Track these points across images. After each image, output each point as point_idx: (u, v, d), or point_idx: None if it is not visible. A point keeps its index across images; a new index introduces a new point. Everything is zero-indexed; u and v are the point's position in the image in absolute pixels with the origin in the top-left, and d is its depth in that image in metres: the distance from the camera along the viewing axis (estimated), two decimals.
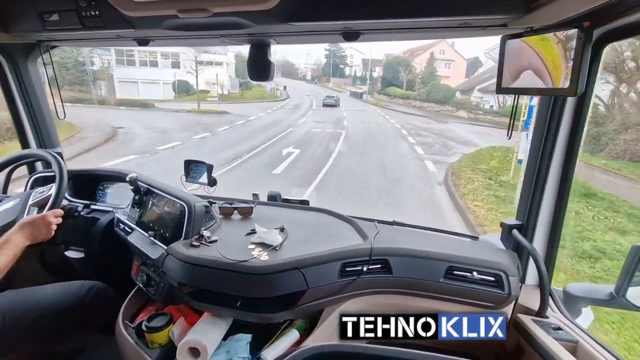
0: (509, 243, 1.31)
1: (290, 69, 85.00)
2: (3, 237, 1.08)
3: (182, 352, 1.07)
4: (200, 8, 0.94)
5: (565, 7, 0.79)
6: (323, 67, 73.21)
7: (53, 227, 1.21)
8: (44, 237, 1.18)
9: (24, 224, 1.14)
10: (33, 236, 1.14)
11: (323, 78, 69.02)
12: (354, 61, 67.46)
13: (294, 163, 9.27)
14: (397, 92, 36.12)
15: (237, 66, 35.40)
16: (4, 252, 1.04)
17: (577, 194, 6.14)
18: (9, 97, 1.71)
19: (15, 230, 1.11)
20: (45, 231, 1.18)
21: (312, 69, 78.31)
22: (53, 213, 1.23)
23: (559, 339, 1.02)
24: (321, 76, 71.69)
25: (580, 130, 1.07)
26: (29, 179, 1.72)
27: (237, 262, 1.07)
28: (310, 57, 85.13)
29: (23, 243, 1.10)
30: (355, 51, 66.14)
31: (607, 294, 1.05)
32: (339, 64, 69.04)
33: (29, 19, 1.24)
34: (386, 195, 7.12)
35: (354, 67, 66.63)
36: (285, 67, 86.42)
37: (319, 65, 77.42)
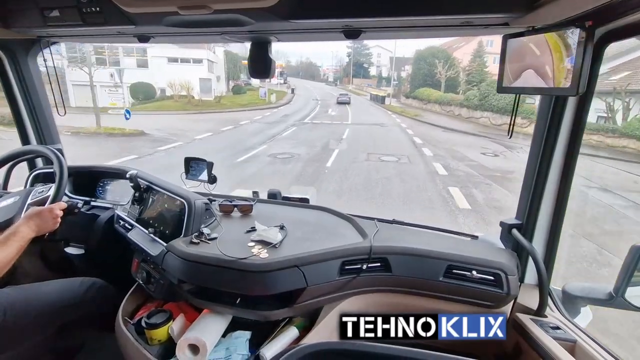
0: (508, 242, 1.31)
1: (314, 71, 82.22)
2: (10, 229, 1.08)
3: (182, 348, 1.08)
4: (200, 5, 0.94)
5: (567, 6, 0.79)
6: (344, 67, 68.33)
7: (59, 219, 1.22)
8: (50, 229, 1.19)
9: (31, 216, 1.15)
10: (39, 228, 1.15)
11: (344, 79, 64.84)
12: (381, 60, 61.35)
13: None
14: (432, 95, 25.47)
15: (228, 65, 30.80)
16: (11, 244, 1.05)
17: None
18: (9, 93, 1.71)
19: (22, 222, 1.12)
20: (52, 223, 1.19)
21: (334, 69, 74.17)
22: (58, 206, 1.24)
23: (558, 339, 1.02)
24: (343, 77, 67.50)
25: (581, 130, 1.07)
26: (29, 175, 1.72)
27: (236, 259, 1.07)
28: (334, 58, 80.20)
29: (29, 234, 1.11)
30: (382, 49, 59.49)
31: (606, 293, 1.05)
32: (362, 63, 63.39)
33: (29, 15, 1.23)
34: None
35: (381, 66, 60.55)
36: (309, 69, 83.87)
37: (341, 66, 73.21)
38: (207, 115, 19.85)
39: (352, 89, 52.61)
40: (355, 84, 60.17)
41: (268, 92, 29.02)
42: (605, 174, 8.46)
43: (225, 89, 31.32)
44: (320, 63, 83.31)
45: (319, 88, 51.23)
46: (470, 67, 26.87)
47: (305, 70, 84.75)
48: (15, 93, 1.70)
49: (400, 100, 32.04)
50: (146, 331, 1.17)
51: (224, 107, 24.08)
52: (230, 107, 24.55)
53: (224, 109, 23.19)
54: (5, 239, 1.04)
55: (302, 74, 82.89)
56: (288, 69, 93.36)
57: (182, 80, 22.98)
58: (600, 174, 8.12)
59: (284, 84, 49.49)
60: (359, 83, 58.83)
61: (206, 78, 26.11)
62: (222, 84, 30.19)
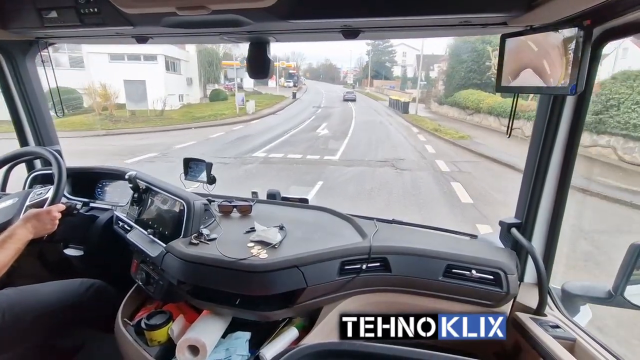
0: (507, 241, 1.31)
1: (334, 74, 79.06)
2: (7, 231, 1.08)
3: (182, 349, 1.08)
4: (199, 5, 0.94)
5: (565, 5, 0.79)
6: (364, 67, 62.08)
7: (56, 221, 1.22)
8: (47, 231, 1.19)
9: (28, 218, 1.14)
10: (37, 230, 1.15)
11: (364, 81, 58.88)
12: (406, 60, 55.74)
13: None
14: (484, 99, 16.46)
15: (203, 64, 24.32)
16: (9, 246, 1.04)
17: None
18: (7, 94, 1.70)
19: (19, 224, 1.12)
20: (50, 225, 1.19)
21: (353, 71, 69.72)
22: (57, 207, 1.24)
23: (557, 337, 1.02)
24: (362, 79, 61.40)
25: (579, 128, 1.07)
26: (28, 176, 1.72)
27: (236, 260, 1.07)
28: (353, 60, 75.58)
29: (27, 237, 1.11)
30: (408, 47, 53.76)
31: (605, 292, 1.06)
32: (384, 62, 57.40)
33: (27, 16, 1.23)
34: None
35: (407, 66, 54.74)
36: (330, 72, 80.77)
37: (361, 66, 68.12)
38: (113, 140, 13.46)
39: (370, 92, 47.70)
40: (376, 86, 54.24)
41: (260, 98, 25.75)
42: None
43: (201, 94, 25.39)
44: (341, 65, 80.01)
45: (333, 91, 47.08)
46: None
47: (325, 73, 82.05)
48: (13, 94, 1.70)
49: (430, 107, 23.22)
50: (146, 332, 1.17)
51: (172, 122, 17.16)
52: (180, 121, 17.62)
53: (166, 127, 16.22)
54: (2, 242, 1.04)
55: (322, 77, 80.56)
56: (310, 71, 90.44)
57: (105, 84, 16.92)
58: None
59: (294, 87, 46.25)
60: (380, 85, 52.97)
61: (138, 80, 18.99)
62: (194, 88, 24.00)
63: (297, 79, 55.31)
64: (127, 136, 14.41)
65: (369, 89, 52.26)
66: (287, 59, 61.10)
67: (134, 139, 13.49)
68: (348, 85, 60.79)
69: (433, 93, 25.89)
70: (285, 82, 50.40)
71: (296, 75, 56.08)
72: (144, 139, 13.54)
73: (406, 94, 30.58)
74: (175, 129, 16.13)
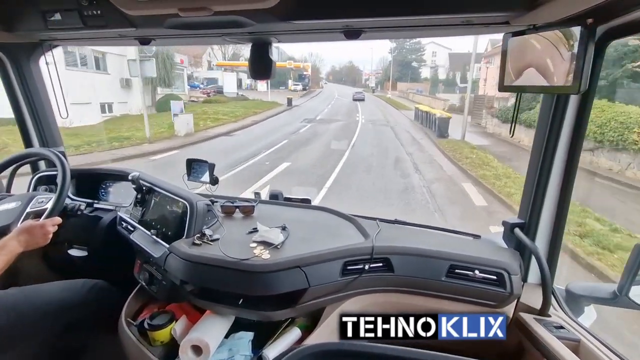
0: (511, 242, 1.31)
1: (355, 75, 74.43)
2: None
3: (185, 350, 1.08)
4: (201, 7, 0.94)
5: (567, 4, 0.79)
6: (386, 68, 54.71)
7: (50, 235, 1.23)
8: (39, 245, 1.20)
9: (21, 231, 1.16)
10: (28, 243, 1.16)
11: (386, 83, 50.58)
12: (436, 60, 49.52)
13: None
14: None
15: (144, 64, 12.22)
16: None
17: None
18: (11, 96, 1.72)
19: (12, 236, 1.13)
20: (42, 239, 1.20)
21: (375, 73, 62.81)
22: (51, 222, 1.25)
23: (561, 338, 1.01)
24: (384, 81, 53.87)
25: (583, 128, 1.06)
26: (32, 178, 1.73)
27: (238, 260, 1.07)
28: (376, 61, 69.46)
29: (17, 249, 1.12)
30: (439, 46, 48.33)
31: (610, 292, 1.05)
32: (410, 62, 49.83)
33: (31, 18, 1.24)
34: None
35: (437, 67, 48.61)
36: (352, 74, 76.57)
37: (383, 67, 60.98)
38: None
39: (392, 98, 39.15)
40: (400, 89, 45.21)
41: (239, 106, 20.15)
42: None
43: (150, 102, 17.29)
44: (363, 67, 74.59)
45: (347, 95, 40.56)
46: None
47: (348, 75, 78.45)
48: (18, 96, 1.71)
49: (482, 123, 14.95)
50: (149, 332, 1.17)
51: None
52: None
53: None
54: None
55: (344, 80, 77.14)
56: (333, 74, 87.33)
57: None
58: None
59: (303, 90, 42.66)
60: (405, 89, 43.29)
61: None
62: (135, 93, 16.49)
63: (308, 81, 49.32)
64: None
65: (391, 92, 43.44)
66: (305, 60, 56.12)
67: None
68: (368, 89, 55.10)
69: (485, 102, 15.76)
70: (293, 85, 45.33)
71: (307, 77, 49.42)
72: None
73: (438, 100, 24.23)
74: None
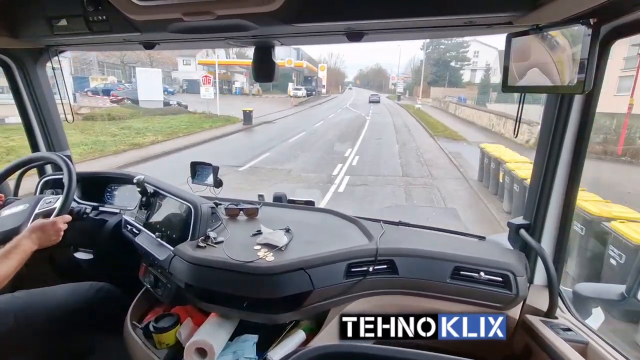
0: (516, 243, 1.30)
1: (382, 79, 67.19)
2: (12, 242, 1.10)
3: (190, 352, 1.08)
4: (204, 11, 0.95)
5: (571, 3, 0.78)
6: (416, 70, 44.00)
7: (61, 232, 1.23)
8: (51, 242, 1.21)
9: (33, 229, 1.16)
10: (41, 241, 1.17)
11: (415, 88, 39.83)
12: (478, 62, 39.61)
13: None
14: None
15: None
16: (13, 257, 1.06)
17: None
18: (18, 101, 1.74)
19: (24, 235, 1.14)
20: (54, 237, 1.21)
21: (404, 77, 52.61)
22: (62, 219, 1.25)
23: (569, 340, 1.00)
24: (413, 85, 44.30)
25: (588, 128, 1.05)
26: (39, 181, 1.75)
27: (243, 263, 1.07)
28: (403, 62, 62.08)
29: (31, 248, 1.13)
30: (483, 45, 38.39)
31: (618, 294, 1.04)
32: (448, 61, 39.82)
33: (37, 24, 1.26)
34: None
35: (477, 69, 38.98)
36: (378, 78, 69.84)
37: (412, 69, 51.68)
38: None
39: (422, 109, 26.38)
40: (434, 96, 33.50)
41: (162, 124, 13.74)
42: None
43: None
44: (390, 69, 66.30)
45: (363, 105, 33.39)
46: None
47: (374, 79, 72.80)
48: (25, 101, 1.74)
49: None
50: (154, 335, 1.18)
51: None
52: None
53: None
54: (7, 252, 1.06)
55: (370, 84, 72.15)
56: (360, 78, 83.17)
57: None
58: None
59: (304, 97, 34.44)
60: (441, 95, 32.36)
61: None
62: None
63: (315, 85, 40.30)
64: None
65: (421, 100, 29.43)
66: (324, 61, 49.43)
67: None
68: (393, 96, 44.88)
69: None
70: (293, 90, 35.33)
71: (315, 80, 41.09)
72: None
73: (502, 118, 15.07)
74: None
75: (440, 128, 17.36)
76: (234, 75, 37.13)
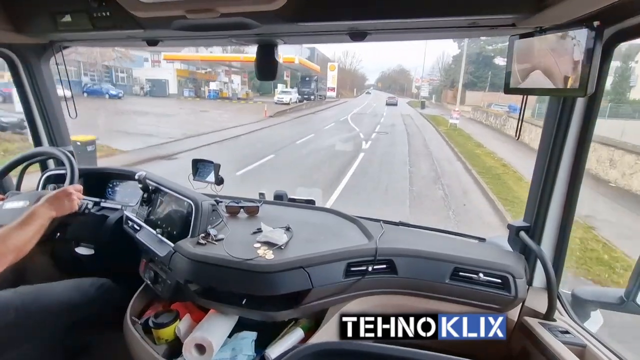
0: (516, 245, 1.30)
1: (404, 81, 58.86)
2: (28, 211, 1.09)
3: (188, 348, 1.09)
4: (208, 9, 0.95)
5: (575, 6, 0.78)
6: (447, 69, 35.91)
7: (75, 199, 1.22)
8: (68, 209, 1.19)
9: (47, 198, 1.16)
10: (57, 207, 1.15)
11: (447, 93, 32.18)
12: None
13: None
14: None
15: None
16: (32, 224, 1.06)
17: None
18: (22, 96, 1.75)
19: (40, 203, 1.13)
20: (68, 203, 1.19)
21: (429, 79, 44.55)
22: (73, 187, 1.24)
23: (567, 343, 1.00)
24: (442, 88, 36.88)
25: (590, 131, 1.05)
26: (41, 176, 1.76)
27: (242, 260, 1.08)
28: (428, 61, 51.97)
29: (49, 214, 1.12)
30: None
31: (617, 297, 1.04)
32: (491, 57, 30.53)
33: (41, 20, 1.26)
34: None
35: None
36: (399, 79, 62.09)
37: (440, 69, 43.28)
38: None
39: (459, 125, 16.91)
40: (471, 101, 25.30)
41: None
42: None
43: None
44: (415, 71, 56.76)
45: (375, 116, 24.70)
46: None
47: (394, 82, 66.10)
48: (29, 96, 1.75)
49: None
50: (153, 330, 1.18)
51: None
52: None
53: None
54: (26, 219, 1.05)
55: (392, 87, 65.85)
56: (382, 80, 76.30)
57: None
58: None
59: (294, 103, 25.28)
60: (481, 101, 24.42)
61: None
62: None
63: (314, 87, 30.14)
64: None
65: (458, 113, 17.91)
66: (337, 60, 42.67)
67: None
68: (415, 102, 35.57)
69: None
70: (280, 94, 26.13)
71: (313, 81, 30.48)
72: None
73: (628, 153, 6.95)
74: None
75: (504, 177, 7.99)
76: (219, 75, 30.22)
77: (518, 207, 6.20)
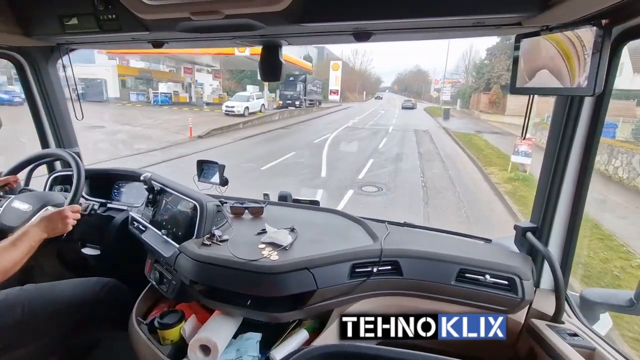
0: (522, 246, 1.28)
1: (421, 84, 51.43)
2: (20, 230, 1.10)
3: (194, 349, 1.09)
4: (212, 10, 0.95)
5: (582, 4, 0.77)
6: (477, 67, 28.96)
7: (69, 222, 1.22)
8: (60, 231, 1.20)
9: (41, 219, 1.17)
10: (49, 229, 1.16)
11: (479, 98, 25.44)
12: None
13: None
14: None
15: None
16: (21, 245, 1.06)
17: None
18: (30, 98, 1.77)
19: (32, 223, 1.14)
20: (62, 225, 1.19)
21: (453, 81, 37.11)
22: (71, 208, 1.25)
23: (575, 346, 0.99)
24: (470, 91, 28.85)
25: (598, 130, 1.04)
26: (49, 177, 1.78)
27: (247, 261, 1.08)
28: (452, 60, 44.73)
29: (40, 236, 1.12)
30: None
31: (627, 300, 1.02)
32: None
33: (49, 23, 1.28)
34: None
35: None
36: (416, 82, 54.17)
37: (466, 69, 35.78)
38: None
39: (529, 173, 6.62)
40: (513, 109, 19.41)
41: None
42: None
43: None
44: (434, 72, 48.37)
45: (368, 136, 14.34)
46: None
47: (411, 84, 58.90)
48: (36, 98, 1.77)
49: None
50: (159, 331, 1.19)
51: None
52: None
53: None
54: (15, 240, 1.06)
55: (408, 89, 59.84)
56: (398, 82, 71.72)
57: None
58: None
59: (285, 108, 21.26)
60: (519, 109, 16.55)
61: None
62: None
63: (301, 90, 24.18)
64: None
65: (529, 140, 6.61)
66: (346, 59, 39.28)
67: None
68: (436, 109, 30.04)
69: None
70: (227, 103, 18.69)
71: (300, 81, 24.24)
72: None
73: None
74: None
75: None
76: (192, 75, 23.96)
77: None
